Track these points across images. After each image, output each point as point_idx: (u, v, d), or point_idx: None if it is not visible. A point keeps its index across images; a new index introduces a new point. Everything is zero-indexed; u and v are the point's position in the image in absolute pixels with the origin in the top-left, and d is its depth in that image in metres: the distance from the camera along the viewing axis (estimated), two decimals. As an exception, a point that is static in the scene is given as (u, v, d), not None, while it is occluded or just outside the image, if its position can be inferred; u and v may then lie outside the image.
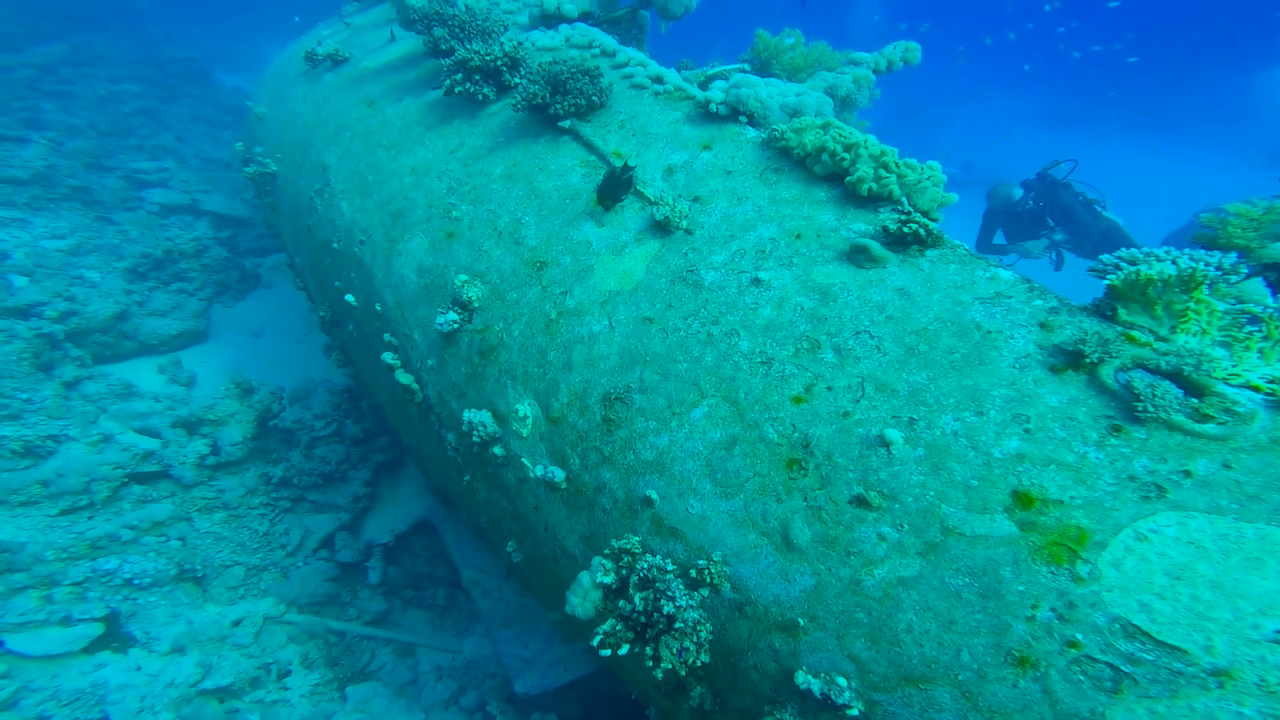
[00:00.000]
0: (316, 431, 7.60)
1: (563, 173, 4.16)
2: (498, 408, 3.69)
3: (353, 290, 4.87)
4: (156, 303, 9.02)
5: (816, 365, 2.70)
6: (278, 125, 6.64)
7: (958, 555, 2.21)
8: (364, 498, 7.31)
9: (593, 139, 4.25)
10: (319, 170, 5.58)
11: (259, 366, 8.98)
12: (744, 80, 3.80)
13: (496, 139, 4.70)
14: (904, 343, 2.63)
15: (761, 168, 3.59)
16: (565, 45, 5.49)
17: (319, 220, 5.34)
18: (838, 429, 2.53)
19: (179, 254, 9.62)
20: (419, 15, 5.37)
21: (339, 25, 8.20)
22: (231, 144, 15.53)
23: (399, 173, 4.90)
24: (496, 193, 4.28)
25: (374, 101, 5.77)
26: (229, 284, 10.01)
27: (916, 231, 2.78)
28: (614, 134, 4.25)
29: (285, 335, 9.70)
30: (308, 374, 8.75)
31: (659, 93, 4.41)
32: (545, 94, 4.32)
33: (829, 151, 3.21)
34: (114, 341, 8.37)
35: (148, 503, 6.94)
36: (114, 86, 14.74)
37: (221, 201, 12.41)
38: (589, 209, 3.83)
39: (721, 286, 3.10)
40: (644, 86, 4.54)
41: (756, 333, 2.88)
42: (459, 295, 3.87)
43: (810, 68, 6.62)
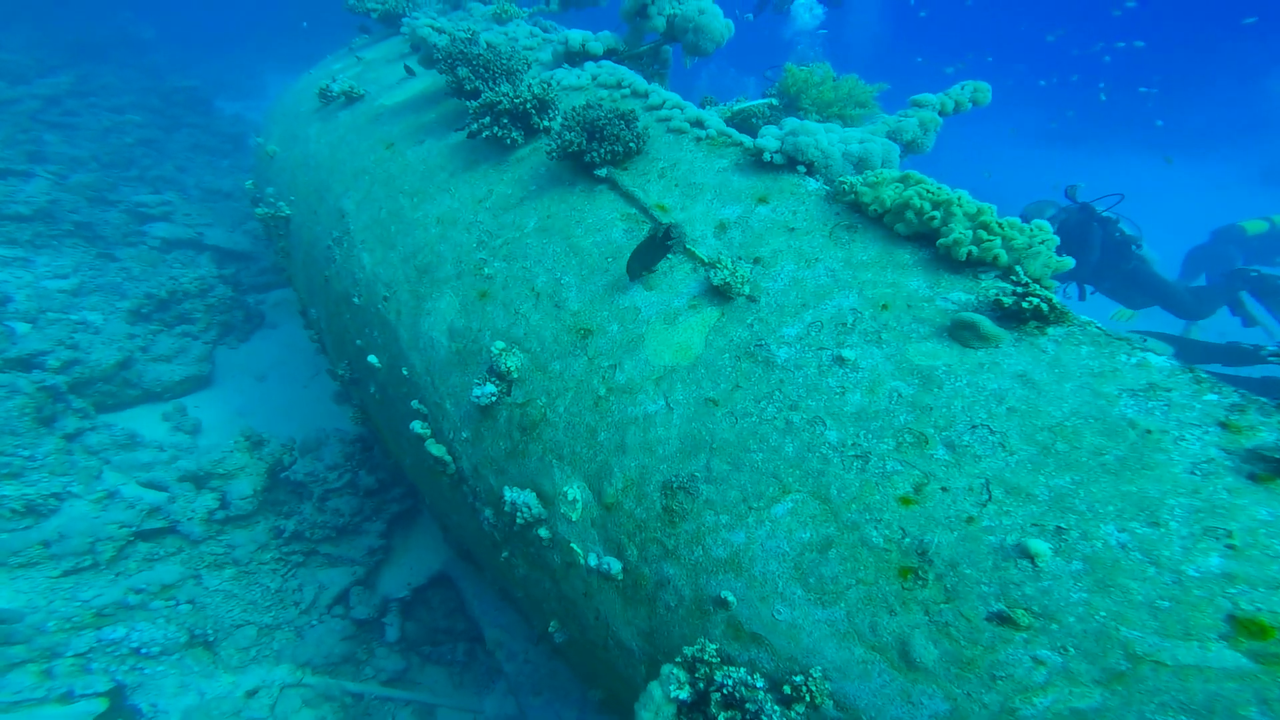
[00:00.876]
0: (329, 483, 7.41)
1: (602, 227, 3.96)
2: (543, 488, 3.47)
3: (375, 351, 4.66)
4: (160, 347, 8.86)
5: (925, 462, 2.46)
6: (291, 165, 6.48)
7: (1160, 687, 1.95)
8: (379, 550, 7.11)
9: (632, 189, 4.05)
10: (336, 217, 5.41)
11: (265, 412, 8.83)
12: (802, 127, 3.60)
13: (527, 187, 4.51)
14: (1035, 440, 2.38)
15: (830, 225, 3.37)
16: (592, 84, 5.32)
17: (338, 272, 5.16)
18: (961, 536, 2.28)
19: (183, 294, 9.47)
20: (442, 55, 5.21)
21: (350, 59, 8.08)
22: (232, 173, 15.55)
23: (423, 223, 4.72)
24: (531, 248, 4.08)
25: (393, 143, 5.60)
26: (233, 325, 9.85)
27: (1038, 307, 2.53)
28: (654, 183, 4.05)
29: (291, 379, 9.54)
30: (315, 420, 8.58)
31: (701, 138, 4.22)
32: (582, 141, 4.13)
33: (914, 209, 2.98)
34: (117, 390, 8.21)
35: (155, 561, 6.73)
36: (117, 117, 14.72)
37: (223, 235, 12.30)
38: None
39: (798, 365, 2.87)
40: (683, 131, 4.35)
41: (846, 422, 2.64)
42: (496, 365, 3.66)
43: (841, 102, 6.44)
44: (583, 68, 5.58)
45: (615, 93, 5.08)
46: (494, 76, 5.18)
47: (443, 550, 7.17)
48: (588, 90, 5.27)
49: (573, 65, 5.73)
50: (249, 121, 19.21)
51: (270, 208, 6.41)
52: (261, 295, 11.24)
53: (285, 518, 7.25)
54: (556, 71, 5.58)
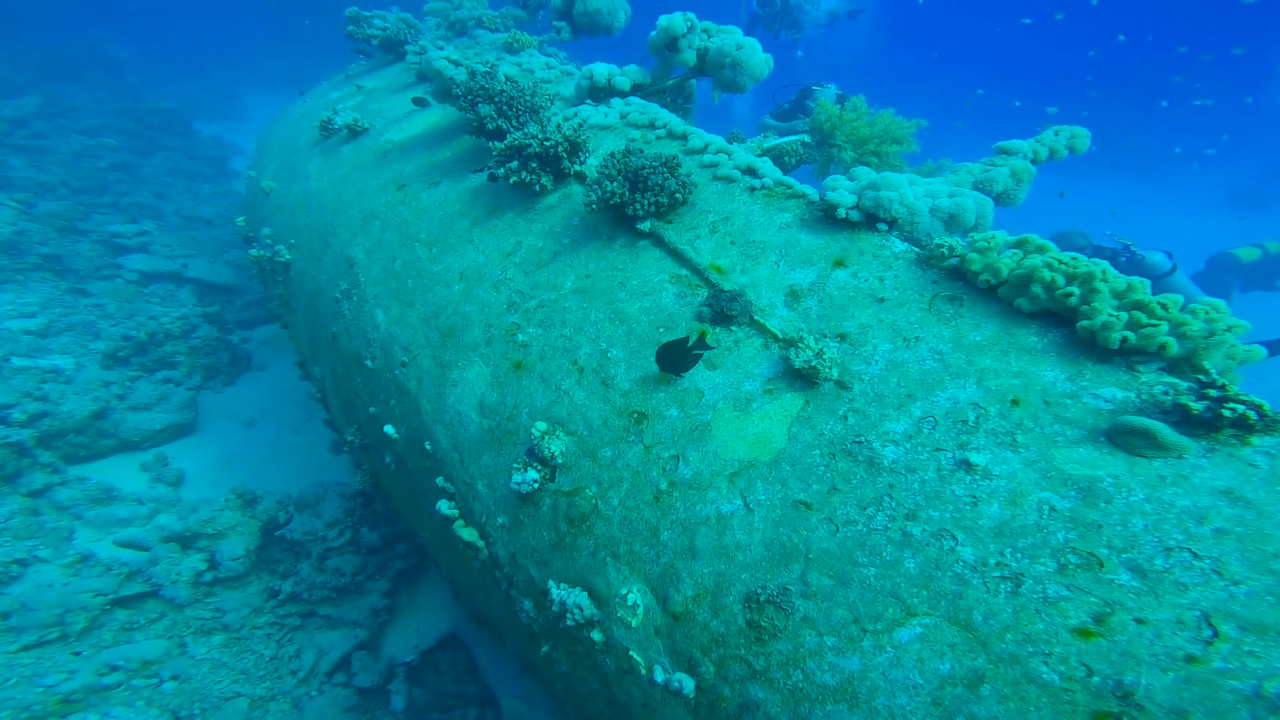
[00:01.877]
0: (329, 542, 7.03)
1: (649, 290, 3.68)
2: (595, 587, 3.15)
3: (392, 420, 4.33)
4: (139, 395, 8.45)
5: (1105, 589, 2.15)
6: (290, 204, 6.16)
7: None
8: (383, 611, 6.74)
9: (681, 246, 3.78)
10: (344, 266, 5.09)
11: (254, 461, 8.43)
12: (882, 179, 3.32)
13: (559, 240, 4.23)
14: (1267, 568, 2.08)
15: (928, 295, 3.09)
16: (621, 124, 5.07)
17: (347, 329, 4.83)
18: (1183, 678, 1.97)
19: (164, 335, 9.07)
20: (462, 90, 4.94)
21: (348, 87, 7.81)
22: (213, 199, 15.17)
23: (445, 278, 4.41)
24: (570, 313, 3.78)
25: (405, 184, 5.30)
26: (219, 367, 9.44)
27: (1243, 416, 2.23)
28: (706, 240, 3.78)
29: (281, 423, 9.14)
30: (308, 468, 8.20)
31: (755, 188, 3.96)
32: (624, 192, 3.86)
33: (1042, 282, 2.67)
34: (91, 441, 7.79)
35: (134, 630, 6.28)
36: (89, 140, 14.32)
37: (205, 266, 11.92)
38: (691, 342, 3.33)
39: (910, 468, 2.58)
40: (732, 179, 4.10)
41: (984, 538, 2.34)
42: (538, 449, 3.35)
43: (877, 139, 6.23)
44: (609, 105, 5.33)
45: (649, 133, 4.83)
46: (517, 114, 4.92)
47: (451, 609, 6.81)
48: (617, 130, 5.01)
49: (596, 101, 5.48)
50: (230, 144, 18.86)
51: (266, 250, 6.08)
52: (247, 332, 10.85)
53: (281, 578, 6.85)
54: (581, 109, 5.32)
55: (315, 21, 28.67)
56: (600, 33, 7.64)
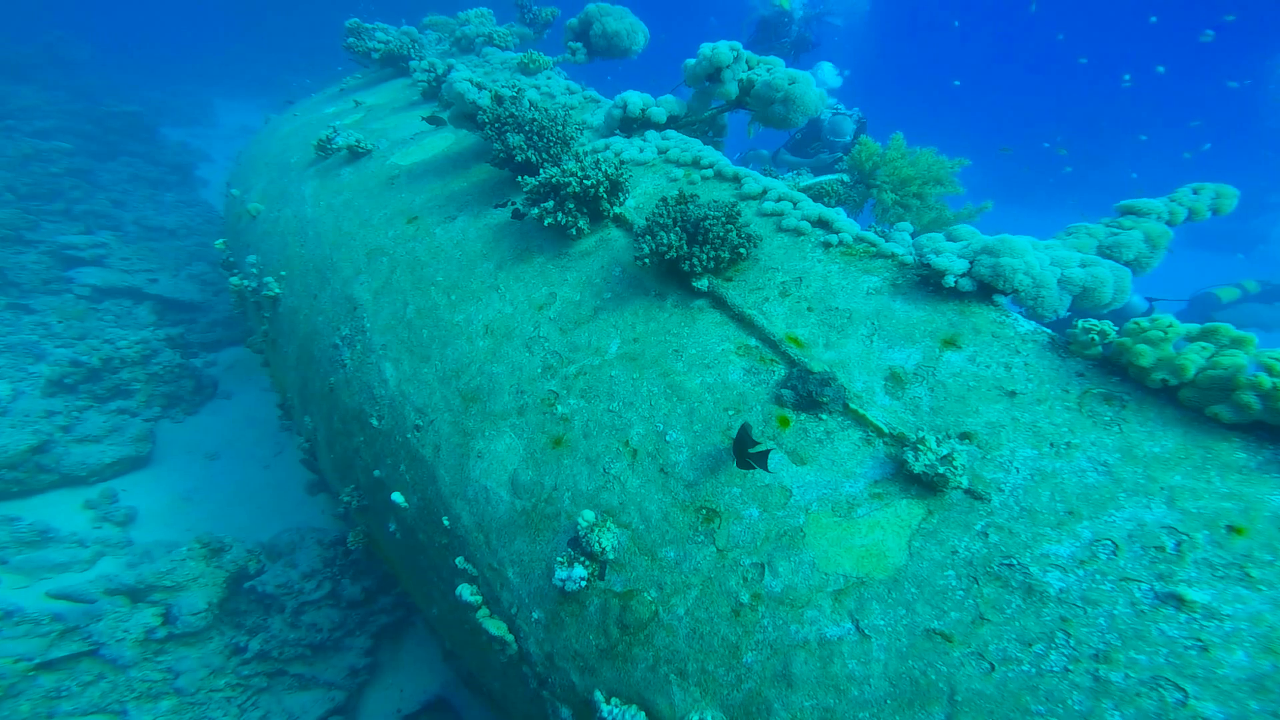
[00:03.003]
0: (306, 595, 6.49)
1: (712, 361, 3.32)
2: (655, 707, 2.76)
3: (402, 488, 3.90)
4: (89, 426, 7.83)
5: None
6: (280, 230, 5.70)
7: None
8: (363, 670, 6.21)
9: (747, 310, 3.43)
10: (346, 308, 4.65)
11: (217, 498, 7.83)
12: (1001, 243, 2.97)
13: (599, 293, 3.86)
14: None
15: (1074, 391, 2.70)
16: (660, 160, 4.74)
17: (348, 381, 4.39)
18: None
19: (120, 362, 8.45)
20: (490, 118, 4.58)
21: (344, 101, 7.40)
22: (177, 208, 14.52)
23: (466, 330, 4.02)
24: (618, 384, 3.41)
25: (417, 217, 4.90)
26: (181, 396, 8.84)
27: None
28: (776, 304, 3.44)
29: (248, 457, 8.55)
30: (280, 507, 7.64)
31: (830, 244, 3.64)
32: (683, 245, 3.51)
33: (1256, 389, 2.28)
34: (27, 477, 7.14)
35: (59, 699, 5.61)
36: (41, 143, 13.63)
37: (167, 281, 11.30)
38: (772, 432, 2.98)
39: (1089, 600, 2.21)
40: (800, 232, 3.78)
41: (1229, 691, 1.98)
42: (585, 542, 2.97)
43: (920, 179, 6.01)
44: (644, 138, 5.01)
45: (693, 172, 4.51)
46: (548, 145, 4.57)
47: (441, 670, 6.31)
48: (655, 167, 4.69)
49: (627, 133, 5.16)
50: (197, 150, 18.24)
51: (251, 280, 5.60)
52: (212, 355, 10.24)
53: (249, 634, 6.28)
54: (613, 141, 4.99)
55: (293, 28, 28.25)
56: (618, 56, 7.36)
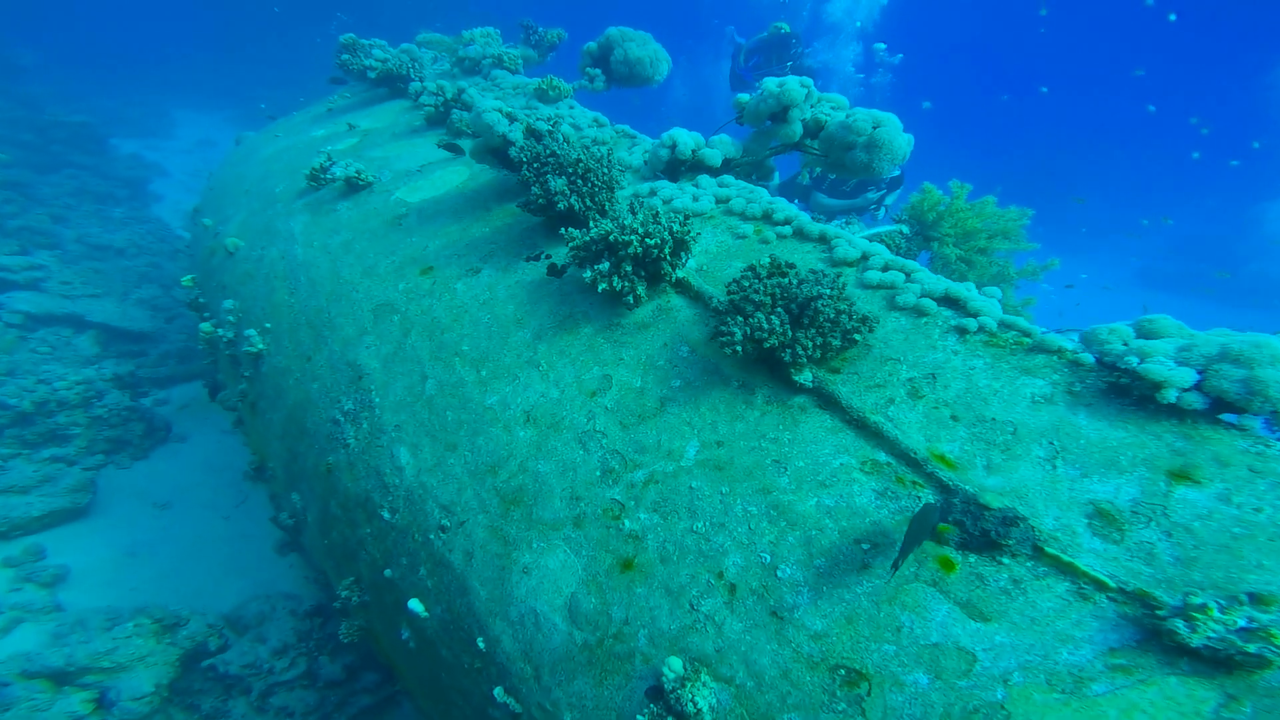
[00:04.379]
0: (277, 674, 5.79)
1: (829, 479, 2.75)
2: None
3: (421, 595, 3.28)
4: (15, 476, 7.01)
5: None
6: (265, 275, 5.02)
7: None
8: (344, 762, 5.52)
9: (871, 416, 2.87)
10: (348, 375, 4.01)
11: (168, 554, 7.03)
12: (1260, 350, 2.38)
13: (665, 379, 3.29)
14: None
15: None
16: (719, 211, 4.21)
17: (351, 464, 3.74)
18: None
19: (56, 405, 7.61)
20: (528, 157, 4.02)
21: (335, 124, 6.78)
22: (126, 224, 13.62)
23: (501, 415, 3.42)
24: (702, 499, 2.85)
25: (432, 267, 4.30)
26: (128, 440, 7.99)
27: None
28: (906, 407, 2.88)
29: (206, 507, 7.73)
30: (240, 564, 6.87)
31: (966, 330, 3.06)
32: (787, 330, 2.96)
33: None
34: (-71, 532, 6.31)
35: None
36: (-33, 153, 12.67)
37: (113, 307, 10.45)
38: (930, 576, 2.42)
39: None
40: (923, 312, 3.21)
41: None
42: (674, 699, 2.40)
43: (986, 232, 5.59)
44: (696, 184, 4.49)
45: (764, 229, 3.98)
46: (594, 191, 4.02)
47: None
48: (714, 220, 4.16)
49: (673, 177, 4.64)
50: (151, 163, 17.36)
51: (226, 330, 4.91)
52: (163, 392, 9.40)
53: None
54: (660, 187, 4.46)
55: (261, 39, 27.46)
56: (638, 85, 6.89)
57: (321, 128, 6.79)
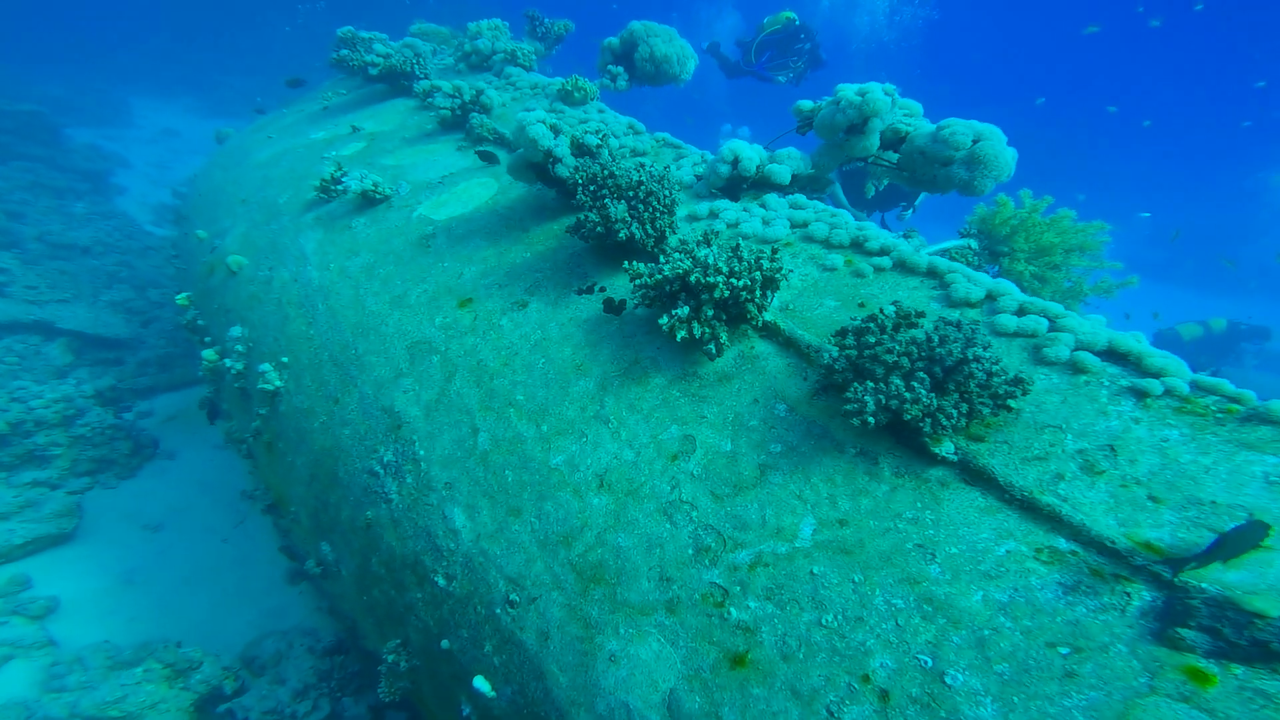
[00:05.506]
0: (299, 719, 5.50)
1: (994, 569, 2.43)
2: None
3: (487, 672, 3.00)
4: (-10, 501, 6.58)
5: None
6: (277, 300, 4.63)
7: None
8: (366, 809, 5.30)
9: (1039, 494, 2.53)
10: (384, 422, 3.68)
11: (166, 580, 6.67)
12: None
13: (762, 444, 2.99)
14: None
15: None
16: (795, 238, 3.88)
17: (395, 521, 3.43)
18: None
19: (34, 425, 7.15)
20: (583, 179, 3.69)
21: (335, 124, 6.33)
22: (91, 220, 12.99)
23: (571, 480, 3.12)
24: (829, 587, 2.57)
25: (471, 299, 3.96)
26: (114, 459, 7.57)
27: None
28: (1082, 485, 2.48)
29: (202, 528, 7.37)
30: (244, 589, 6.55)
31: (1146, 394, 2.70)
32: (932, 399, 2.64)
33: None
34: (-106, 571, 5.94)
35: None
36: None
37: (84, 313, 9.92)
38: (1171, 685, 2.13)
39: None
40: (1082, 369, 2.86)
41: None
42: None
43: (1062, 247, 5.23)
44: (763, 204, 4.17)
45: (856, 259, 3.66)
46: (654, 217, 3.70)
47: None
48: (792, 249, 3.84)
49: (732, 196, 4.32)
50: (111, 155, 16.65)
51: (235, 360, 4.52)
52: (146, 404, 8.95)
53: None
54: (721, 207, 4.15)
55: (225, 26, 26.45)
56: (665, 83, 6.54)
57: (320, 129, 6.36)
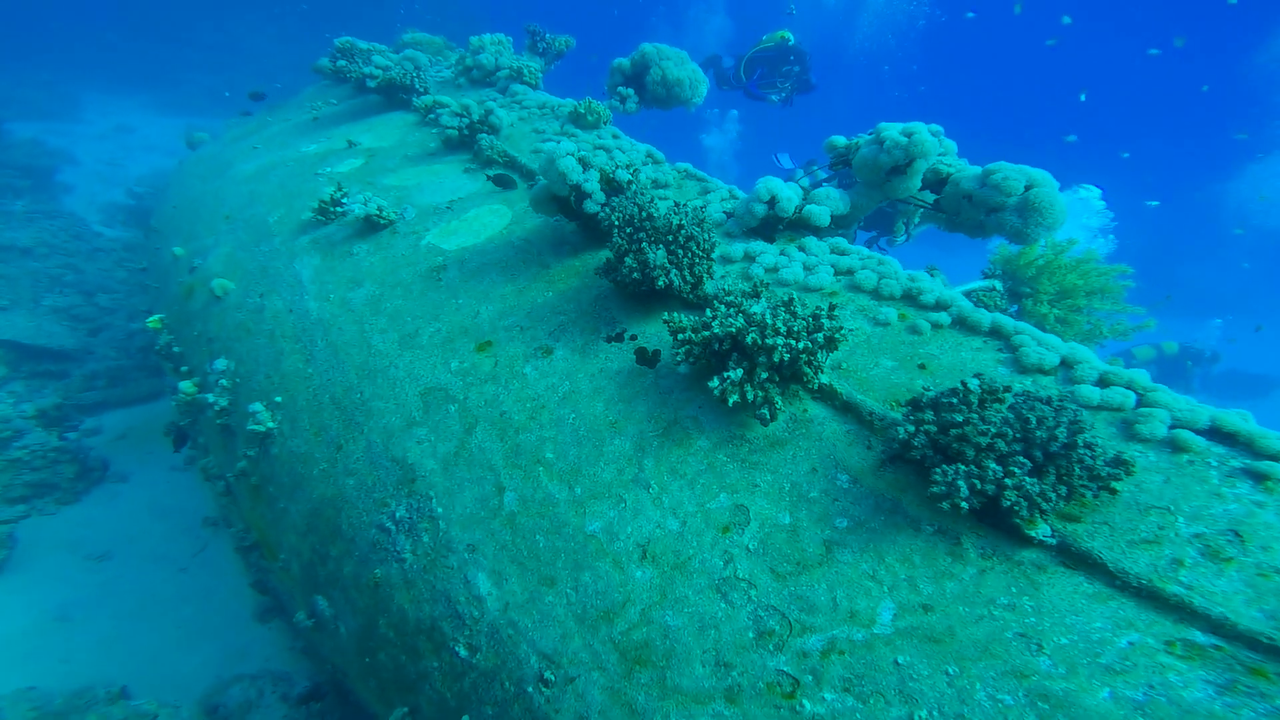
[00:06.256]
0: None
1: (1117, 663, 2.16)
2: None
3: (526, 796, 2.72)
4: (-95, 533, 6.06)
5: None
6: (268, 331, 4.31)
7: None
8: None
9: (1159, 582, 2.32)
10: (395, 474, 3.40)
11: (109, 615, 6.08)
12: None
13: (825, 518, 2.79)
14: None
15: None
16: (841, 286, 3.67)
17: (408, 581, 3.15)
18: None
19: (-41, 448, 6.63)
20: (620, 219, 3.47)
21: (328, 137, 6.02)
22: (32, 220, 12.31)
23: (610, 549, 2.90)
24: (917, 678, 2.37)
25: (490, 342, 3.70)
26: (56, 484, 7.03)
27: None
28: (1207, 572, 2.26)
29: (156, 557, 6.83)
30: (205, 626, 6.05)
31: (1270, 477, 2.53)
32: (1033, 484, 2.44)
33: None
34: None
35: None
36: None
37: (23, 322, 9.28)
38: None
39: None
40: (1182, 447, 2.68)
41: None
42: None
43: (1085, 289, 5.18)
44: (803, 248, 4.00)
45: (911, 313, 3.46)
46: (694, 262, 3.50)
47: None
48: (838, 297, 3.66)
49: (766, 236, 4.15)
50: (57, 150, 15.96)
51: (219, 396, 4.17)
52: (95, 420, 8.37)
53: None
54: (758, 249, 3.97)
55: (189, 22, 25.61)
56: (674, 106, 6.38)
57: (312, 141, 6.03)
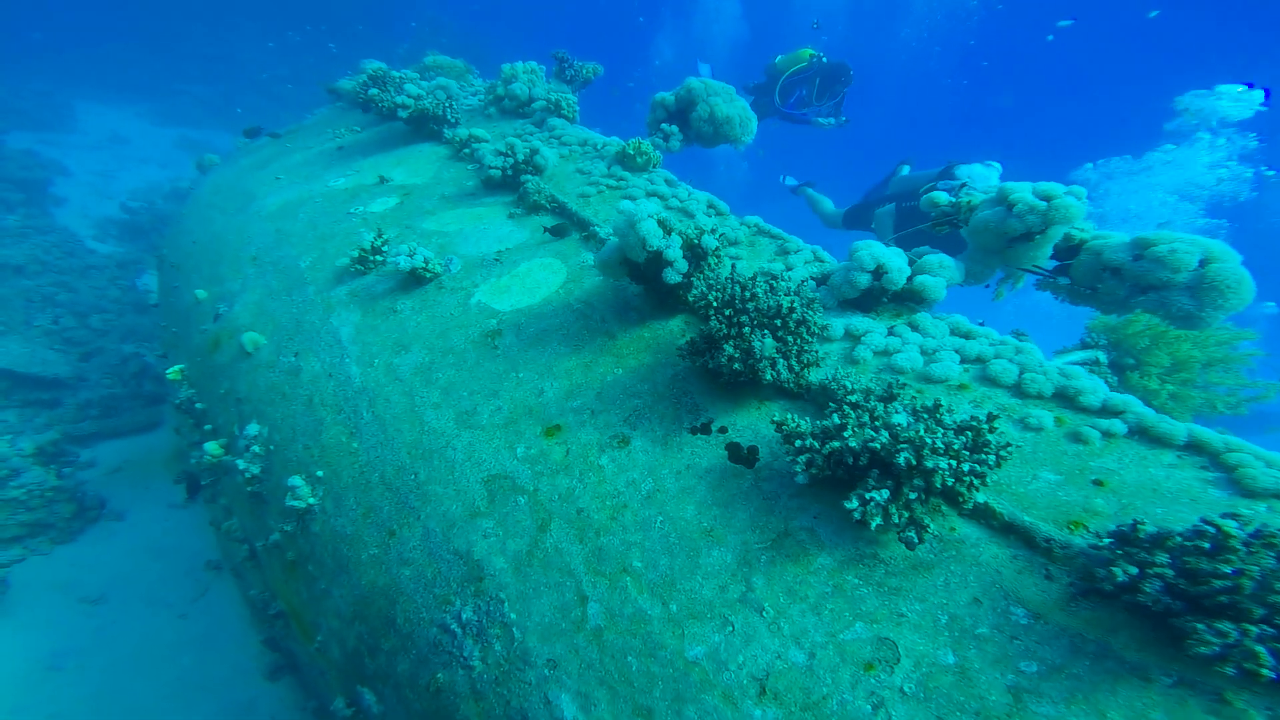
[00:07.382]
0: None
1: None
2: None
3: None
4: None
5: None
6: (306, 397, 3.97)
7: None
8: None
9: None
10: (458, 570, 3.09)
11: (104, 664, 5.73)
12: None
13: (1001, 657, 2.42)
14: None
15: None
16: (973, 379, 3.25)
17: (476, 692, 2.82)
18: None
19: (-49, 489, 6.29)
20: (720, 300, 3.17)
21: (354, 169, 5.68)
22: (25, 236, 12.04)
23: (718, 680, 2.59)
24: None
25: (559, 426, 3.39)
26: (51, 523, 6.68)
27: None
28: None
29: (154, 601, 6.59)
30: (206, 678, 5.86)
31: None
32: None
33: None
34: None
35: None
36: None
37: (17, 348, 8.88)
38: None
39: None
40: None
41: None
42: None
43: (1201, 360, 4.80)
44: (913, 324, 3.62)
45: (1075, 420, 3.01)
46: (803, 349, 3.19)
47: None
48: (969, 392, 3.25)
49: (864, 308, 3.81)
50: (50, 162, 15.73)
51: (250, 463, 3.83)
52: (90, 451, 8.01)
53: None
54: (862, 328, 3.61)
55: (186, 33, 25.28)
56: (721, 144, 6.10)
57: (340, 175, 5.71)
